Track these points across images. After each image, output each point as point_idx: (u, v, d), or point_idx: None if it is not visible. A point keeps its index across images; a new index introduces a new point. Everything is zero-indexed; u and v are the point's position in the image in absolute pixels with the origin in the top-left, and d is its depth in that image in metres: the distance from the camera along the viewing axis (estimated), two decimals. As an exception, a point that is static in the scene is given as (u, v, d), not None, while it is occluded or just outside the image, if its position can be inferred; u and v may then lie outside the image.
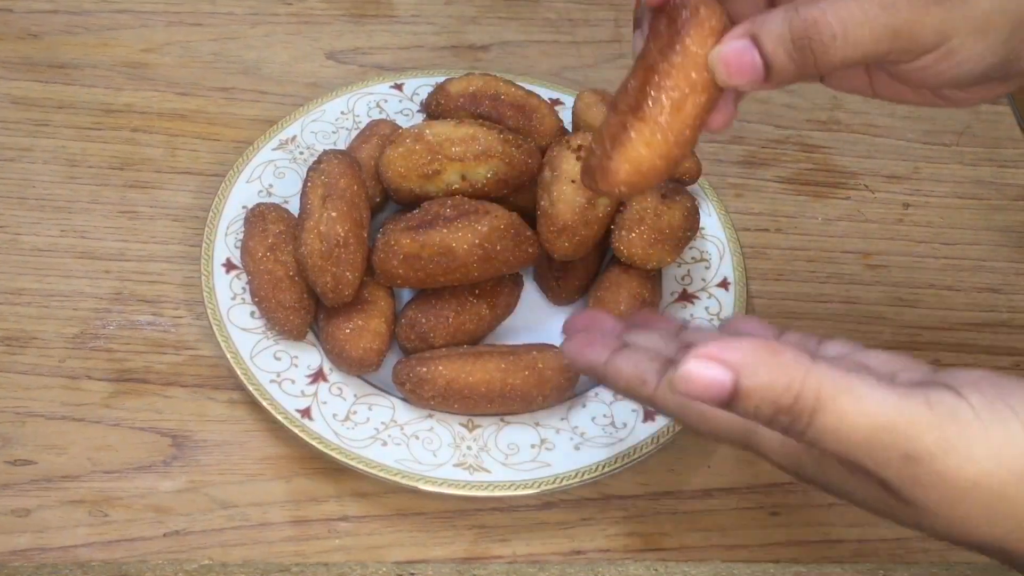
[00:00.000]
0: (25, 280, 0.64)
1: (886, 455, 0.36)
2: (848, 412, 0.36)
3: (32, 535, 0.55)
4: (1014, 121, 0.79)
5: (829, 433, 0.36)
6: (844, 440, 0.36)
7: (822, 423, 0.36)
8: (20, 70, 0.73)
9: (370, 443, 0.57)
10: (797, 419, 0.36)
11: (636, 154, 0.43)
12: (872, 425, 0.36)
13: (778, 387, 0.36)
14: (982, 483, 0.36)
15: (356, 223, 0.58)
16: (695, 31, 0.43)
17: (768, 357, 0.36)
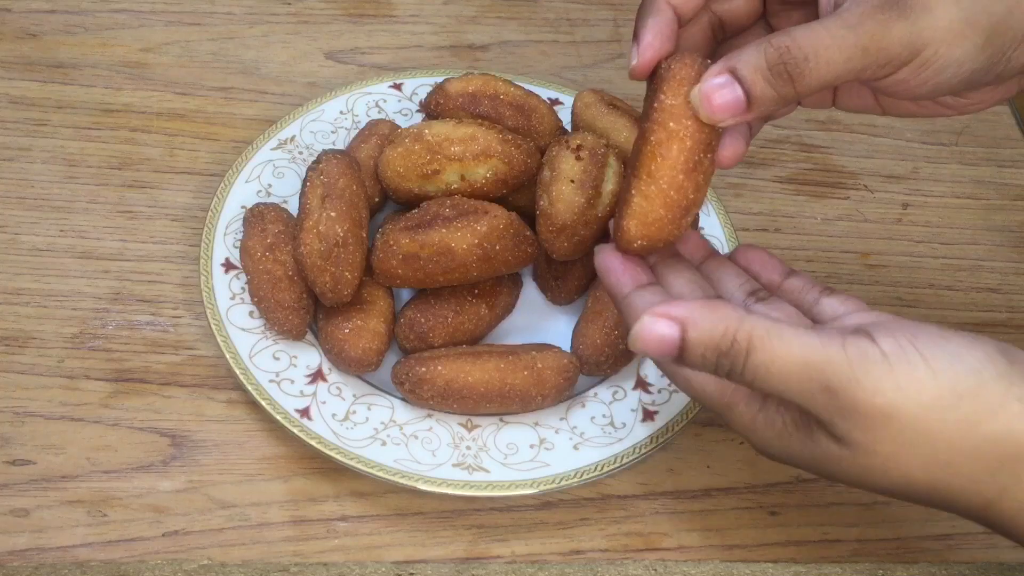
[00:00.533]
0: (24, 280, 0.64)
1: (809, 388, 0.41)
2: (776, 352, 0.41)
3: (31, 535, 0.55)
4: (1013, 121, 0.79)
5: (761, 371, 0.41)
6: (774, 376, 0.41)
7: (755, 362, 0.41)
8: (18, 70, 0.73)
9: (369, 443, 0.57)
10: (735, 361, 0.41)
11: (639, 208, 0.46)
12: (795, 362, 0.40)
13: (716, 335, 0.41)
14: (894, 415, 0.40)
15: (355, 223, 0.58)
16: (667, 85, 0.46)
17: (708, 311, 0.42)
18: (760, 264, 0.50)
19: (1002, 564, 0.57)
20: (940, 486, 0.42)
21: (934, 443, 0.41)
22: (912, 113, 0.53)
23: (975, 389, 0.41)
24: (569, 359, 0.59)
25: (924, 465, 0.42)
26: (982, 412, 0.41)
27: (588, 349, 0.60)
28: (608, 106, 0.66)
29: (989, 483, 0.42)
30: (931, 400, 0.40)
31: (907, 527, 0.59)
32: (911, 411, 0.40)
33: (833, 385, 0.40)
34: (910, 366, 0.40)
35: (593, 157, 0.61)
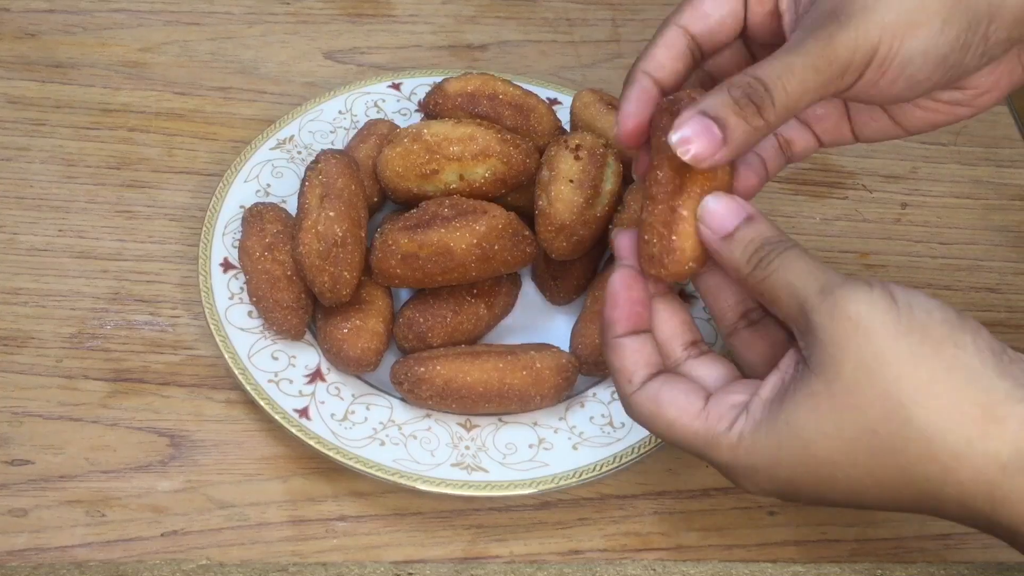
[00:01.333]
0: (22, 280, 0.64)
1: (810, 286, 0.45)
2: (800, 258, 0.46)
3: (29, 535, 0.55)
4: (1012, 121, 0.79)
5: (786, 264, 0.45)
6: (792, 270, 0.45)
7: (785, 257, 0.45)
8: (17, 69, 0.73)
9: (368, 443, 0.57)
10: (775, 250, 0.46)
11: (695, 229, 0.47)
12: (808, 267, 0.45)
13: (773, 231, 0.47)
14: (861, 323, 0.43)
15: (354, 223, 0.58)
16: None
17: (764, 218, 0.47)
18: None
19: (1000, 564, 0.57)
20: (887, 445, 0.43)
21: (886, 371, 0.43)
22: (929, 122, 0.53)
23: (924, 325, 0.43)
24: (568, 359, 0.59)
25: (879, 404, 0.43)
26: (926, 346, 0.43)
27: (587, 349, 0.60)
28: (607, 106, 0.66)
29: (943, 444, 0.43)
30: (891, 323, 0.43)
31: (906, 527, 0.59)
32: (875, 327, 0.43)
33: (826, 287, 0.44)
34: (883, 296, 0.44)
35: (592, 157, 0.61)
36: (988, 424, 0.42)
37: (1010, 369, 0.43)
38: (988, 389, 0.43)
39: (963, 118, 0.53)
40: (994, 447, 0.42)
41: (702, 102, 0.46)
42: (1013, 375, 0.43)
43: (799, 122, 0.54)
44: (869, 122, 0.53)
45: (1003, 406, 0.42)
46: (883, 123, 0.53)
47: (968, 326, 0.44)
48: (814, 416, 0.44)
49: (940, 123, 0.53)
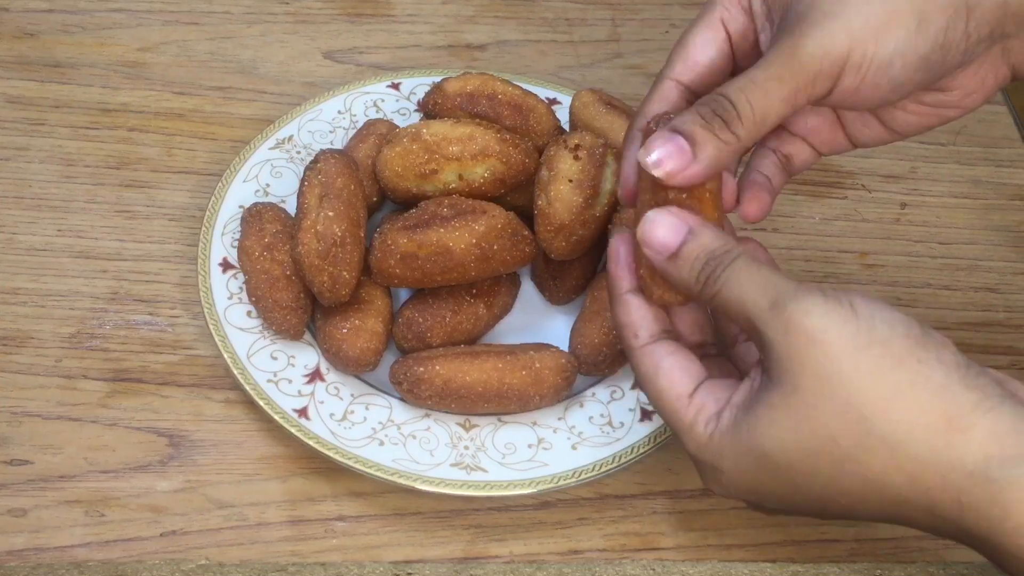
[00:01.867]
0: (21, 279, 0.64)
1: (762, 300, 0.45)
2: (749, 268, 0.45)
3: (28, 535, 0.55)
4: (1011, 121, 0.79)
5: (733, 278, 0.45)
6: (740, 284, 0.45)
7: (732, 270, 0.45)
8: (16, 69, 0.73)
9: (367, 443, 0.57)
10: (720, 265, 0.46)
11: None
12: (759, 279, 0.45)
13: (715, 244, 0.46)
14: (818, 338, 0.43)
15: (353, 222, 0.58)
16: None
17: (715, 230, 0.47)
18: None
19: (1000, 564, 0.57)
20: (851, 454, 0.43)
21: (846, 385, 0.43)
22: (920, 125, 0.53)
23: (886, 339, 0.43)
24: (567, 359, 0.59)
25: (839, 415, 0.43)
26: (888, 360, 0.43)
27: (586, 349, 0.60)
28: (606, 105, 0.66)
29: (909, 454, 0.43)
30: (848, 336, 0.43)
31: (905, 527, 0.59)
32: (831, 341, 0.43)
33: (778, 301, 0.44)
34: (839, 306, 0.44)
35: (591, 157, 0.61)
36: (954, 434, 0.42)
37: (976, 382, 0.43)
38: (953, 401, 0.43)
39: (952, 119, 0.53)
40: (959, 455, 0.42)
41: (672, 121, 0.47)
42: (980, 387, 0.43)
43: (793, 135, 0.54)
44: (862, 129, 0.54)
45: (969, 416, 0.42)
46: (876, 129, 0.54)
47: (932, 341, 0.44)
48: (773, 428, 0.44)
49: (931, 125, 0.53)
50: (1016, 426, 0.42)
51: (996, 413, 0.42)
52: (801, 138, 0.54)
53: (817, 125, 0.54)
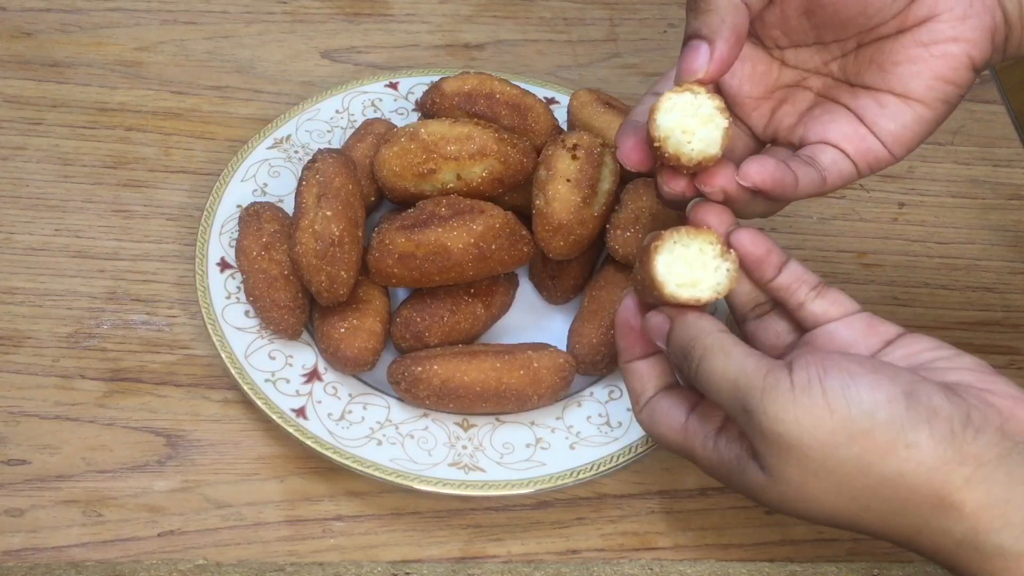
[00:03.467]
0: (19, 279, 0.63)
1: (734, 405, 0.45)
2: (717, 366, 0.46)
3: (26, 535, 0.55)
4: (1009, 120, 0.79)
5: (704, 378, 0.46)
6: (712, 387, 0.46)
7: (703, 370, 0.47)
8: (13, 68, 0.73)
9: (365, 442, 0.57)
10: (690, 364, 0.47)
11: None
12: (728, 379, 0.45)
13: (686, 339, 0.48)
14: (793, 444, 0.43)
15: (351, 222, 0.58)
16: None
17: (693, 318, 0.48)
18: (756, 258, 0.50)
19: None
20: (857, 519, 0.45)
21: (835, 478, 0.44)
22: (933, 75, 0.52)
23: (867, 431, 0.43)
24: (565, 358, 0.59)
25: (835, 497, 0.44)
26: (873, 454, 0.43)
27: (584, 348, 0.60)
28: (604, 105, 0.66)
29: (902, 522, 0.44)
30: (825, 436, 0.43)
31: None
32: (808, 443, 0.43)
33: (748, 407, 0.45)
34: (810, 401, 0.43)
35: (589, 156, 0.61)
36: (944, 510, 0.43)
37: (970, 449, 0.43)
38: (944, 481, 0.43)
39: (962, 62, 0.51)
40: (948, 527, 0.44)
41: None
42: (974, 455, 0.43)
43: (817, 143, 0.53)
44: (880, 111, 0.52)
45: (960, 492, 0.43)
46: (893, 105, 0.52)
47: (920, 415, 0.43)
48: (764, 495, 0.47)
49: (942, 74, 0.52)
50: (1008, 494, 0.43)
51: (988, 484, 0.43)
52: (821, 141, 0.53)
53: (833, 122, 0.53)
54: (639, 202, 0.62)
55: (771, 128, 0.55)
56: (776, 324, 0.51)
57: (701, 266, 0.49)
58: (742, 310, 0.52)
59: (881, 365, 0.45)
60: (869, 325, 0.49)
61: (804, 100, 0.55)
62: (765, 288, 0.51)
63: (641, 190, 0.62)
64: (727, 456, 0.48)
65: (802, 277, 0.50)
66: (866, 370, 0.44)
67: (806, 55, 0.55)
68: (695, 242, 0.49)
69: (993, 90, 0.80)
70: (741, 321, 0.52)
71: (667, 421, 0.50)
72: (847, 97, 0.53)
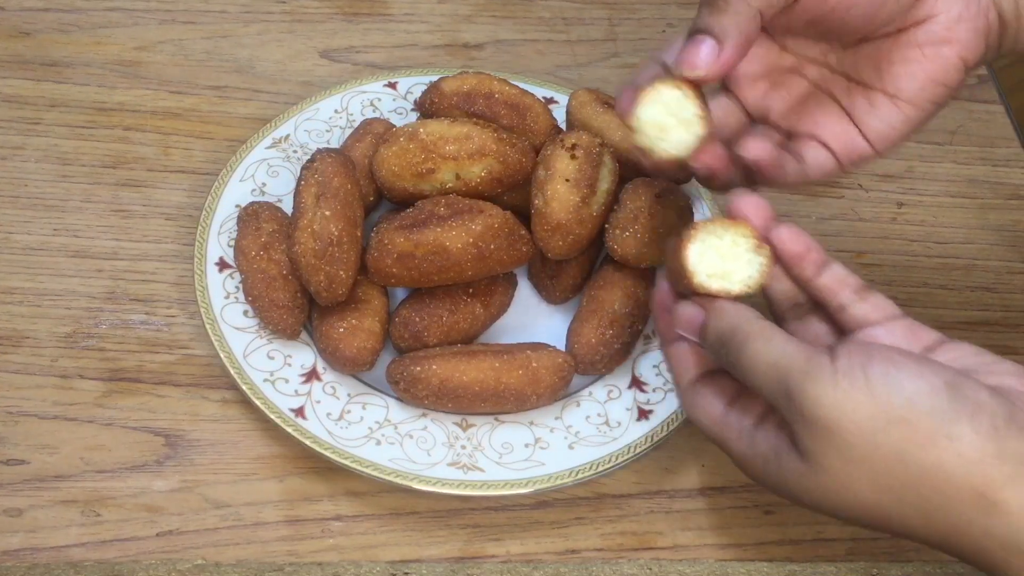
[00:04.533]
0: (17, 279, 0.63)
1: (777, 388, 0.44)
2: (759, 351, 0.45)
3: (24, 535, 0.55)
4: (1007, 120, 0.79)
5: (747, 364, 0.46)
6: (754, 372, 0.45)
7: (745, 356, 0.46)
8: (12, 68, 0.73)
9: (364, 442, 0.57)
10: (730, 351, 0.46)
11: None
12: (771, 364, 0.45)
13: (725, 327, 0.47)
14: (833, 428, 0.42)
15: (350, 222, 0.58)
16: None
17: (729, 307, 0.48)
18: (795, 254, 0.50)
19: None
20: (894, 514, 0.44)
21: (873, 465, 0.43)
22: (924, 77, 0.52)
23: (906, 418, 0.42)
24: (564, 358, 0.59)
25: (872, 488, 0.43)
26: (912, 443, 0.42)
27: (583, 348, 0.60)
28: (603, 105, 0.66)
29: (940, 519, 0.43)
30: (866, 422, 0.42)
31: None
32: (847, 427, 0.42)
33: (790, 390, 0.44)
34: (852, 386, 0.43)
35: (588, 156, 0.61)
36: (986, 507, 0.42)
37: (1014, 447, 0.42)
38: (985, 476, 0.42)
39: (953, 64, 0.52)
40: (992, 526, 0.42)
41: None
42: (1018, 454, 0.42)
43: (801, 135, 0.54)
44: (871, 111, 0.53)
45: (1002, 490, 0.42)
46: (883, 106, 0.53)
47: (963, 407, 0.42)
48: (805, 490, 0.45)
49: (935, 75, 0.52)
50: None
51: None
52: (809, 136, 0.54)
53: (824, 117, 0.54)
54: (638, 202, 0.62)
55: (762, 108, 0.55)
56: (816, 326, 0.50)
57: (733, 258, 0.48)
58: (780, 309, 0.51)
59: (925, 359, 0.44)
60: (910, 331, 0.48)
61: (799, 87, 0.55)
62: (806, 287, 0.50)
63: (640, 190, 0.62)
64: (763, 448, 0.46)
65: (845, 280, 0.50)
66: (910, 360, 0.43)
67: (806, 45, 0.55)
68: (729, 234, 0.48)
69: (992, 90, 0.80)
70: (779, 321, 0.51)
71: (706, 410, 0.49)
72: (841, 92, 0.54)
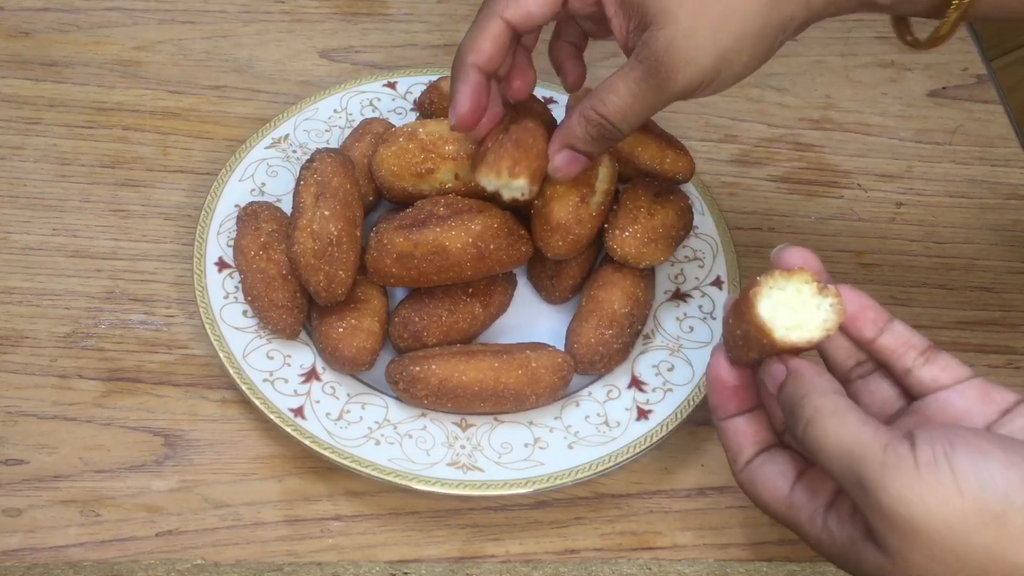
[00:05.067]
0: (16, 279, 0.63)
1: (848, 477, 0.42)
2: (828, 432, 0.42)
3: (23, 535, 0.55)
4: (1006, 120, 0.79)
5: (813, 443, 0.43)
6: (822, 453, 0.43)
7: (811, 434, 0.43)
8: (11, 68, 0.73)
9: (363, 442, 0.57)
10: (797, 424, 0.44)
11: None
12: (842, 448, 0.42)
13: (795, 395, 0.45)
14: (919, 528, 0.40)
15: (349, 222, 0.58)
16: None
17: (807, 370, 0.45)
18: (851, 314, 0.48)
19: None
20: None
21: (963, 563, 0.40)
22: None
23: (1002, 516, 0.39)
24: (563, 358, 0.59)
25: None
26: (1008, 540, 0.40)
27: (582, 348, 0.60)
28: (602, 105, 0.66)
29: None
30: (955, 520, 0.40)
31: None
32: (935, 527, 0.40)
33: (865, 482, 0.41)
34: (938, 480, 0.40)
35: (587, 156, 0.61)
36: None
37: None
38: None
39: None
40: None
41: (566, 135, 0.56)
42: None
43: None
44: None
45: None
46: None
47: None
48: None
49: None
50: None
51: None
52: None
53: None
54: (637, 202, 0.62)
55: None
56: (882, 388, 0.48)
57: (802, 306, 0.46)
58: (842, 369, 0.49)
59: (1011, 442, 0.42)
60: (984, 392, 0.46)
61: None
62: (868, 349, 0.48)
63: (639, 190, 0.62)
64: (839, 537, 0.44)
65: (909, 340, 0.48)
66: (997, 448, 0.41)
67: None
68: (791, 284, 0.46)
69: (991, 90, 0.80)
70: (843, 383, 0.48)
71: (770, 489, 0.47)
72: None
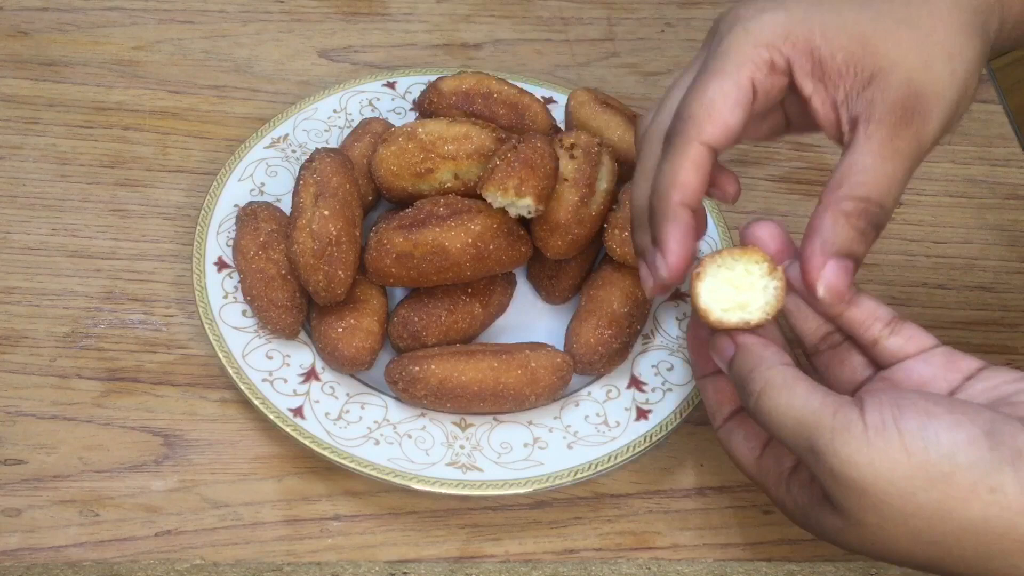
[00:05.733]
0: (15, 279, 0.63)
1: (800, 444, 0.43)
2: (779, 402, 0.44)
3: (22, 535, 0.55)
4: (1006, 120, 0.79)
5: (764, 414, 0.44)
6: (773, 423, 0.44)
7: (762, 405, 0.44)
8: (10, 68, 0.73)
9: (362, 442, 0.57)
10: (748, 397, 0.45)
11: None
12: (793, 416, 0.43)
13: (745, 369, 0.46)
14: (868, 489, 0.41)
15: (348, 222, 0.58)
16: None
17: (758, 346, 0.46)
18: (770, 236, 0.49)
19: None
20: (939, 563, 0.43)
21: (914, 522, 0.41)
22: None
23: (947, 475, 0.41)
24: (563, 358, 0.59)
25: (913, 541, 0.42)
26: (954, 499, 0.41)
27: (582, 348, 0.60)
28: (602, 105, 0.66)
29: (988, 566, 0.42)
30: (903, 481, 0.41)
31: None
32: (884, 488, 0.41)
33: (817, 447, 0.42)
34: (886, 443, 0.41)
35: (587, 156, 0.61)
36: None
37: None
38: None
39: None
40: None
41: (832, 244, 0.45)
42: None
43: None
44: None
45: None
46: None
47: (1003, 456, 0.41)
48: (845, 541, 0.44)
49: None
50: None
51: None
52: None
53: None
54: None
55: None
56: (851, 357, 0.49)
57: (749, 287, 0.46)
58: (811, 341, 0.49)
59: (958, 404, 0.43)
60: (948, 360, 0.47)
61: None
62: (835, 323, 0.49)
63: (639, 189, 0.62)
64: (801, 501, 0.46)
65: (875, 313, 0.48)
66: (943, 409, 0.42)
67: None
68: (740, 263, 0.46)
69: (990, 89, 0.80)
70: (813, 354, 0.50)
71: (743, 452, 0.49)
72: None
